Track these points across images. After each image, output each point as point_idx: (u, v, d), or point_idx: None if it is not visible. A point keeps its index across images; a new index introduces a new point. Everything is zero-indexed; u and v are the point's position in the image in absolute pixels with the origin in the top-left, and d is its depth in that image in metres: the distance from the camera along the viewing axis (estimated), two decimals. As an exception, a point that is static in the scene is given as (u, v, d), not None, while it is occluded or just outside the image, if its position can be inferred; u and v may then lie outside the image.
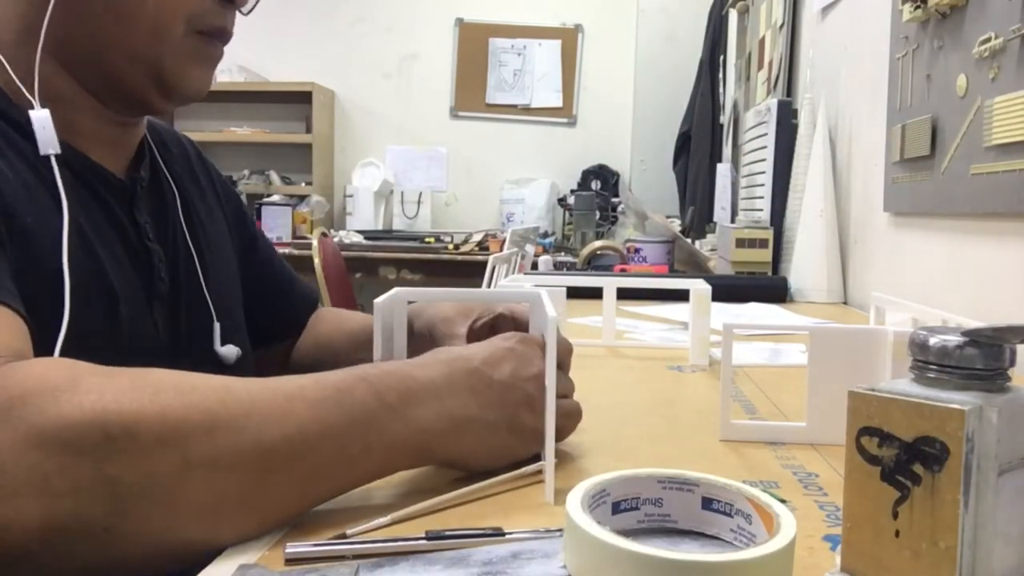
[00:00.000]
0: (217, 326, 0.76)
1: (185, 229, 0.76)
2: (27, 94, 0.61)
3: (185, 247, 0.76)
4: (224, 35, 0.68)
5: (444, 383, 0.51)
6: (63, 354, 0.56)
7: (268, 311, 0.93)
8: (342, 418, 0.47)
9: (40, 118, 0.61)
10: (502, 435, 0.53)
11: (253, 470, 0.43)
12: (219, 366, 0.76)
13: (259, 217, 3.84)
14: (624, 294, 1.16)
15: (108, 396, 0.42)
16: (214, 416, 0.43)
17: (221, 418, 0.43)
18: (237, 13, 0.70)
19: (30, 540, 0.40)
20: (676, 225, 2.64)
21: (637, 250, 2.05)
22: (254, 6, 0.71)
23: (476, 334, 0.69)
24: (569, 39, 4.37)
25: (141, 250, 0.70)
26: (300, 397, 0.46)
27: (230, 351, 0.77)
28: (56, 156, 0.61)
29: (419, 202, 4.25)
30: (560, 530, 0.43)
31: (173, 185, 0.77)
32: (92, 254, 0.63)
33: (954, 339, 0.36)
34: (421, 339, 0.72)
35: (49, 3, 0.61)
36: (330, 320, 0.98)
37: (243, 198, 3.84)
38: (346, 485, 0.48)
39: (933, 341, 0.36)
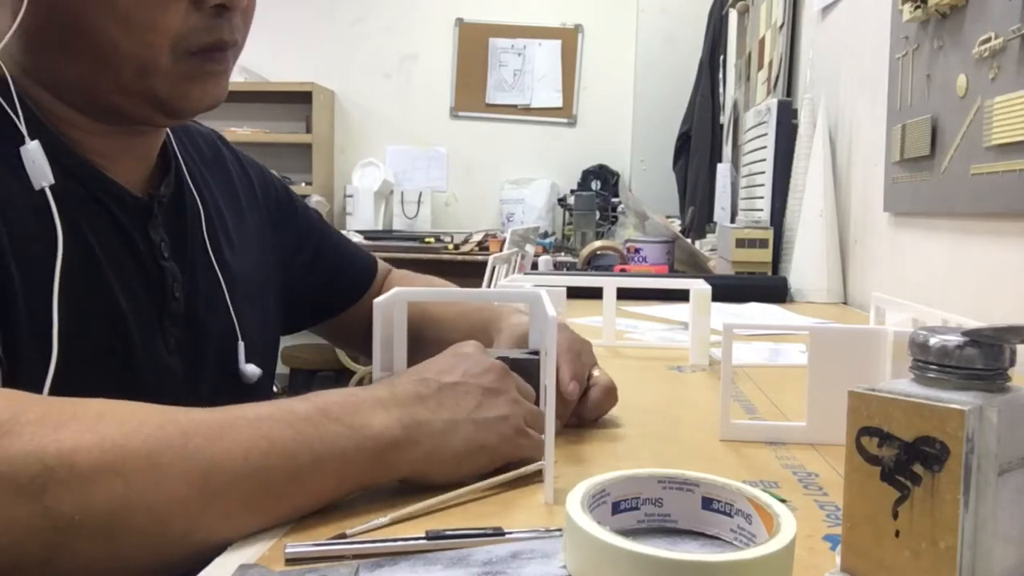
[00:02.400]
0: (241, 345, 0.74)
1: (209, 245, 0.74)
2: (20, 127, 0.59)
3: (207, 264, 0.73)
4: (226, 46, 0.64)
5: (388, 395, 0.51)
6: (64, 381, 0.56)
7: (327, 288, 0.94)
8: (286, 431, 0.46)
9: (30, 151, 0.58)
10: (467, 430, 0.52)
11: (197, 492, 0.43)
12: (240, 385, 0.74)
13: (259, 217, 3.83)
14: (624, 294, 1.16)
15: (47, 429, 0.41)
16: (154, 441, 0.43)
17: (160, 442, 0.43)
18: (243, 17, 0.65)
19: None
20: (676, 225, 2.64)
21: (637, 250, 2.05)
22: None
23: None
24: (569, 39, 4.36)
25: (154, 269, 0.68)
26: (240, 416, 0.46)
27: (253, 371, 0.75)
28: (51, 187, 0.60)
29: (419, 202, 4.25)
30: (560, 530, 0.43)
31: (198, 199, 0.74)
32: (99, 276, 0.62)
33: (954, 339, 0.36)
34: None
35: (33, 42, 0.60)
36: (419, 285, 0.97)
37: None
38: (301, 503, 0.47)
39: (933, 341, 0.36)
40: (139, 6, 0.58)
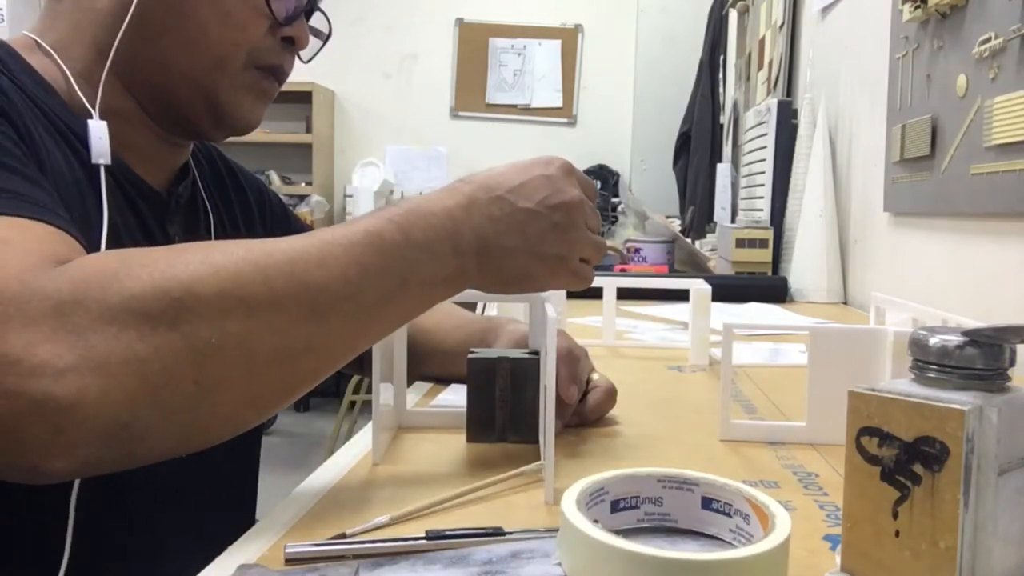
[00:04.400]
0: None
1: None
2: (88, 106, 0.64)
3: None
4: (281, 74, 0.72)
5: (463, 213, 0.54)
6: None
7: None
8: (376, 259, 0.50)
9: (97, 128, 0.63)
10: (520, 260, 0.55)
11: (310, 311, 0.47)
12: None
13: (259, 217, 3.84)
14: (624, 294, 1.16)
15: (162, 266, 0.45)
16: (263, 265, 0.46)
17: (270, 266, 0.46)
18: (296, 58, 0.73)
19: (125, 408, 0.42)
20: (676, 225, 2.63)
21: (637, 250, 2.05)
22: (314, 56, 0.76)
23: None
24: (569, 39, 4.36)
25: None
26: (334, 243, 0.49)
27: None
28: (105, 167, 0.63)
29: (419, 202, 4.24)
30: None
31: (208, 205, 0.78)
32: None
33: (954, 339, 0.36)
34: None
35: (121, 25, 0.63)
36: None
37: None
38: (395, 320, 0.53)
39: (933, 341, 0.36)
40: (241, 7, 0.66)
